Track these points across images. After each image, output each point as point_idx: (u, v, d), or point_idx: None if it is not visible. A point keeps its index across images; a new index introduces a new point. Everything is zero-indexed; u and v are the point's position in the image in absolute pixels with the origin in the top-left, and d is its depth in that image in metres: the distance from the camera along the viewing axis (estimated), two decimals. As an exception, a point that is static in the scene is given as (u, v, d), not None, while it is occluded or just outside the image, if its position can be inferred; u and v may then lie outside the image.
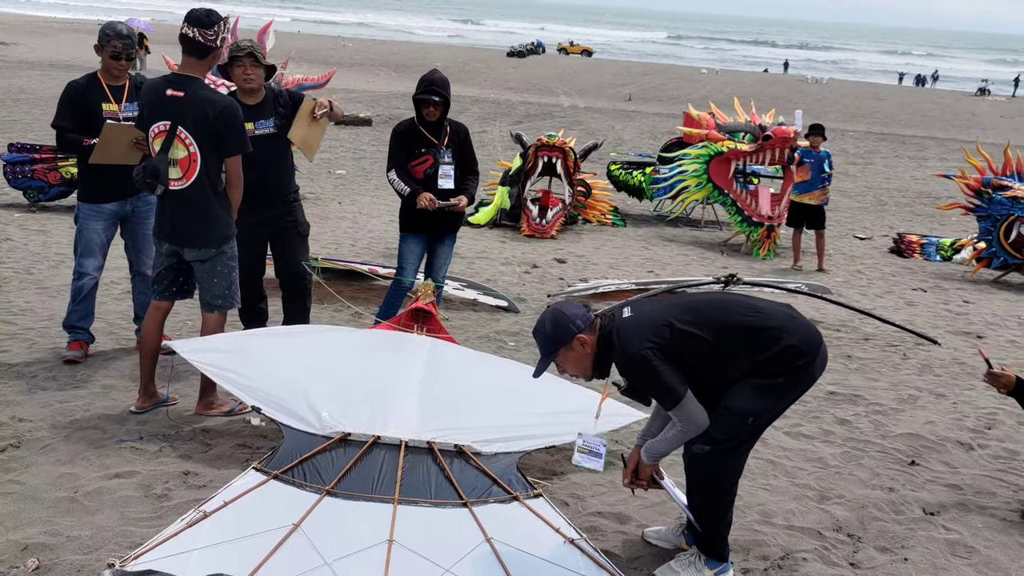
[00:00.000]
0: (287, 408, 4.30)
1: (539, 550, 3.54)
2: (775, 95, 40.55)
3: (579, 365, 3.54)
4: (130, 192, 5.53)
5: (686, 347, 3.34)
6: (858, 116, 37.76)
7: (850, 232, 14.43)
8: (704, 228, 13.53)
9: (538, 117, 28.01)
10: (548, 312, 3.56)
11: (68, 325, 5.69)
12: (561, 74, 47.13)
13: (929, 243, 12.66)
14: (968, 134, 35.22)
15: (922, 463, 4.91)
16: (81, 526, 3.65)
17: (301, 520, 3.54)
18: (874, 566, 3.77)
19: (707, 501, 3.49)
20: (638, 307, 3.56)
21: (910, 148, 28.58)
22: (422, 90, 5.86)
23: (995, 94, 55.29)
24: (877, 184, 21.07)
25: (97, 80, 5.51)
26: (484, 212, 12.38)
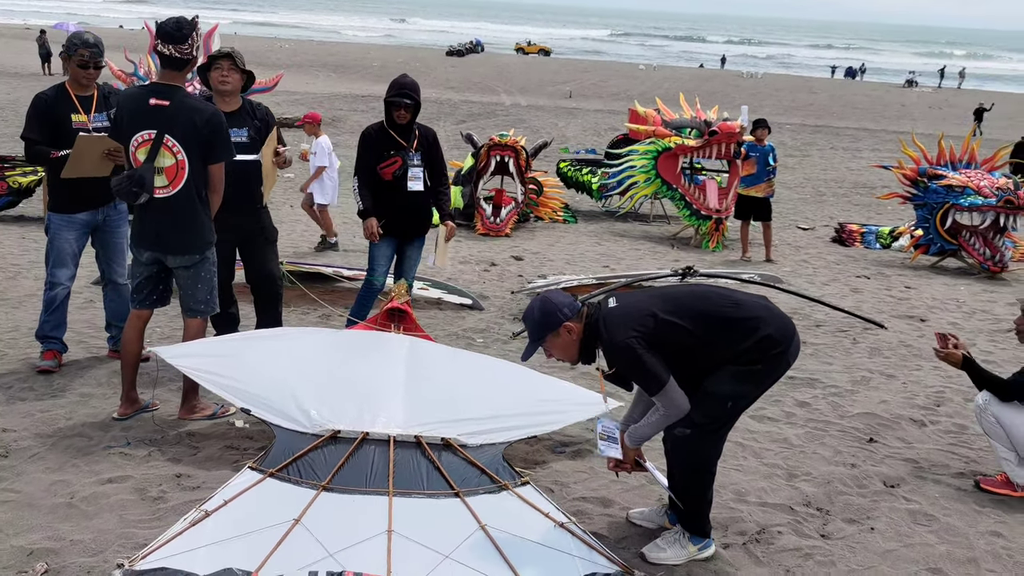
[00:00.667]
0: (276, 408, 4.41)
1: (531, 534, 3.71)
2: (712, 90, 41.23)
3: (566, 351, 3.72)
4: (101, 201, 5.57)
5: (669, 336, 3.54)
6: (792, 109, 38.60)
7: (793, 223, 14.85)
8: (653, 222, 13.83)
9: (482, 116, 28.17)
10: (537, 300, 3.73)
11: (41, 335, 5.70)
12: (501, 72, 47.35)
13: (869, 232, 13.11)
14: (898, 125, 36.26)
15: (880, 440, 5.19)
16: (82, 530, 3.72)
17: (301, 515, 3.66)
18: (843, 536, 4.01)
19: (689, 481, 3.70)
20: (623, 298, 3.74)
21: (844, 140, 29.34)
22: (394, 93, 5.98)
23: (922, 85, 56.91)
24: (815, 176, 21.63)
25: (65, 91, 5.51)
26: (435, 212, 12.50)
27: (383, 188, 6.15)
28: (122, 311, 5.89)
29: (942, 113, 41.32)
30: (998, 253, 10.79)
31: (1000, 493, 4.50)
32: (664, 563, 3.69)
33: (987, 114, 35.23)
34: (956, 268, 11.38)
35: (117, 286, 5.88)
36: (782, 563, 3.75)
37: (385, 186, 6.12)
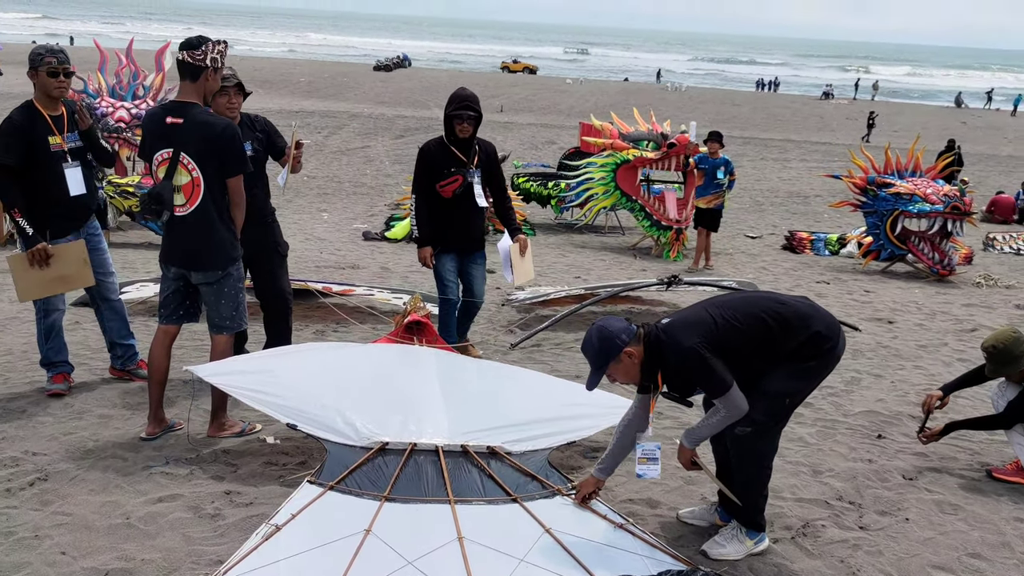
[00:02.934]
0: (322, 423, 4.43)
1: (595, 536, 3.83)
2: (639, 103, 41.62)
3: (628, 375, 3.84)
4: (79, 223, 5.45)
5: (729, 340, 3.69)
6: (719, 122, 39.43)
7: (740, 232, 15.27)
8: (608, 233, 14.08)
9: (419, 131, 28.19)
10: (594, 329, 3.81)
11: (46, 362, 5.57)
12: (429, 87, 47.36)
13: (818, 239, 13.56)
14: (820, 136, 37.47)
15: (887, 436, 5.44)
16: (148, 550, 3.70)
17: (371, 525, 3.71)
18: (882, 527, 4.22)
19: (748, 477, 3.86)
20: (675, 314, 3.90)
21: (772, 151, 30.19)
22: (456, 106, 5.98)
23: (838, 97, 58.85)
24: (750, 186, 22.21)
25: (35, 110, 5.22)
26: (400, 226, 12.55)
27: (442, 206, 6.15)
28: (123, 329, 5.82)
29: (858, 124, 42.71)
30: (945, 257, 11.30)
31: (1012, 481, 4.77)
32: (725, 559, 3.84)
33: (875, 122, 37.45)
34: (905, 272, 11.86)
35: (112, 303, 5.76)
36: (833, 554, 3.93)
37: (445, 203, 6.12)
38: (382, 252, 11.57)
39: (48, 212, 5.24)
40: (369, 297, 7.79)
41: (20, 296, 5.30)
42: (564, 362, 6.78)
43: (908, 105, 60.84)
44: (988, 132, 41.02)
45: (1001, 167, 28.10)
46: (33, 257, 5.16)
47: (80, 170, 5.35)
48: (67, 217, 5.35)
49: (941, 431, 5.01)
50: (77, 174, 5.33)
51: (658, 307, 8.88)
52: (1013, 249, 14.69)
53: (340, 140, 25.29)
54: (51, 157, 5.22)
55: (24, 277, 5.19)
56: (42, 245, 5.16)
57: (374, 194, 17.61)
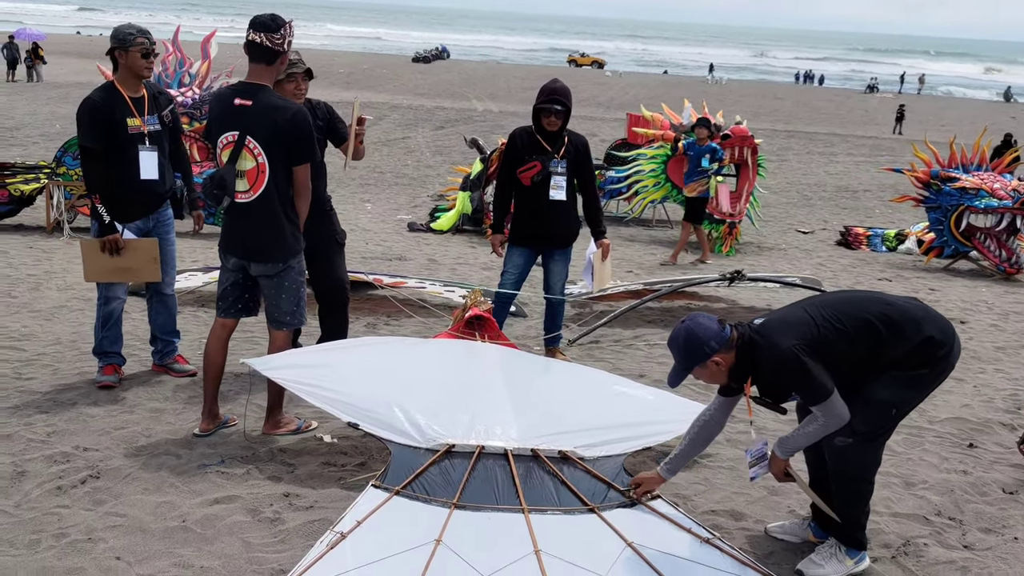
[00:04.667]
0: (385, 422, 4.19)
1: (680, 551, 3.55)
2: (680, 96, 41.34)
3: (714, 378, 3.58)
4: (151, 209, 5.32)
5: (830, 344, 3.39)
6: (761, 115, 38.89)
7: (791, 227, 14.87)
8: (655, 227, 13.76)
9: (459, 122, 28.00)
10: (682, 329, 3.51)
11: (99, 351, 5.41)
12: (468, 79, 47.21)
13: (875, 235, 13.15)
14: (865, 130, 36.78)
15: (979, 445, 5.11)
16: (207, 556, 3.48)
17: (441, 535, 3.46)
18: (988, 547, 3.90)
19: (848, 491, 3.56)
20: (771, 314, 3.61)
21: (818, 144, 29.60)
22: (544, 99, 5.80)
23: (883, 91, 57.84)
24: (796, 180, 21.76)
25: (117, 92, 5.15)
26: (446, 218, 12.32)
27: (522, 194, 5.97)
28: (168, 324, 5.64)
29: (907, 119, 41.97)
30: (1013, 255, 10.86)
31: (1123, 498, 4.42)
32: (822, 578, 3.54)
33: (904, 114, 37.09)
34: (969, 270, 11.44)
35: (164, 297, 5.61)
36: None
37: (524, 192, 5.92)
38: (428, 244, 11.34)
39: (117, 195, 5.11)
40: (421, 290, 7.54)
41: (86, 276, 5.26)
42: (626, 360, 6.50)
43: (955, 100, 59.69)
44: (1039, 128, 40.00)
45: (1055, 163, 27.30)
46: (104, 246, 5.06)
47: (156, 155, 5.22)
48: (136, 202, 5.20)
49: None
50: (152, 158, 5.19)
51: (716, 303, 8.57)
52: (1077, 248, 14.16)
53: (381, 131, 25.11)
54: (128, 139, 5.09)
55: (93, 260, 5.16)
56: (114, 236, 5.06)
57: (416, 185, 17.40)
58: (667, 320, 7.84)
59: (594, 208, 6.24)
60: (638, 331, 7.39)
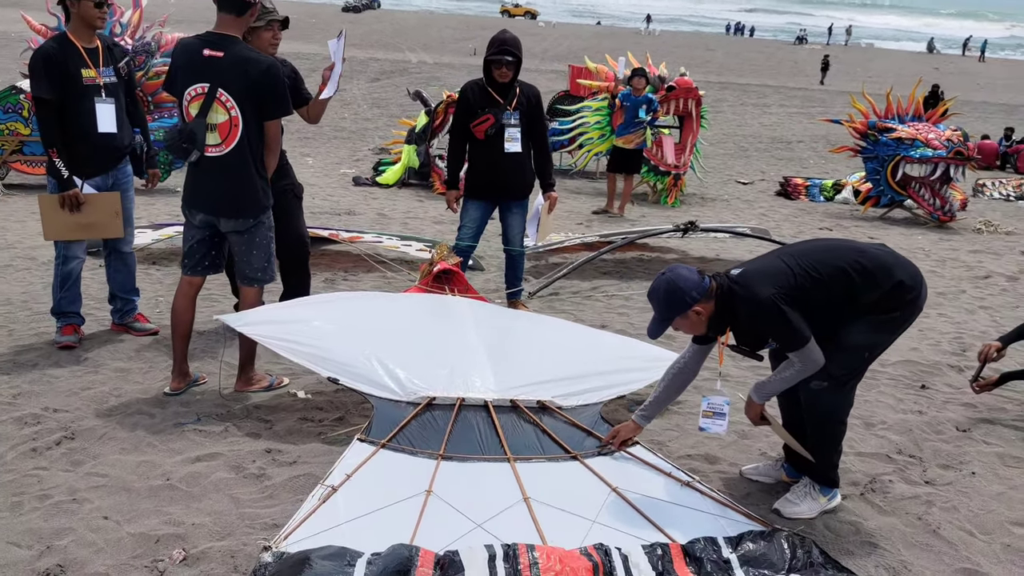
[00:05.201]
0: (365, 376, 4.21)
1: (662, 495, 3.65)
2: (612, 47, 41.25)
3: (694, 328, 3.63)
4: (110, 165, 5.18)
5: (807, 292, 3.49)
6: (694, 66, 38.92)
7: (730, 178, 15.12)
8: (599, 178, 13.83)
9: (394, 74, 27.64)
10: (663, 280, 3.55)
11: (58, 311, 5.28)
12: (400, 29, 46.53)
13: (813, 185, 13.45)
14: (796, 81, 37.35)
15: (931, 387, 5.32)
16: (196, 513, 3.47)
17: (431, 486, 3.51)
18: (948, 482, 4.09)
19: (823, 432, 3.69)
20: (748, 264, 3.68)
21: (752, 96, 29.99)
22: (494, 50, 5.73)
23: (811, 43, 58.56)
24: (732, 131, 22.07)
25: (70, 43, 4.97)
26: (392, 171, 12.23)
27: (476, 147, 5.93)
28: (128, 283, 5.54)
29: (833, 70, 42.61)
30: (946, 203, 11.22)
31: (1068, 432, 4.67)
32: (799, 517, 3.68)
33: (829, 64, 38.03)
34: (904, 218, 11.79)
35: (122, 255, 5.50)
36: (907, 511, 3.80)
37: (478, 145, 5.88)
38: (375, 198, 11.25)
39: (76, 149, 4.96)
40: (378, 244, 7.50)
41: (46, 235, 5.11)
42: (586, 311, 6.58)
43: (880, 50, 60.80)
44: (961, 78, 41.05)
45: (976, 113, 28.11)
46: (64, 201, 4.91)
47: (113, 107, 5.07)
48: (94, 157, 5.06)
49: (996, 381, 4.90)
50: (110, 111, 5.04)
51: (667, 254, 8.70)
52: (1003, 195, 14.70)
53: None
54: (83, 91, 4.93)
55: (52, 218, 5.01)
56: (74, 192, 4.92)
57: (355, 138, 17.21)
58: (622, 272, 7.95)
59: (545, 160, 6.22)
60: (595, 283, 7.48)
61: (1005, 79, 43.93)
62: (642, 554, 3.19)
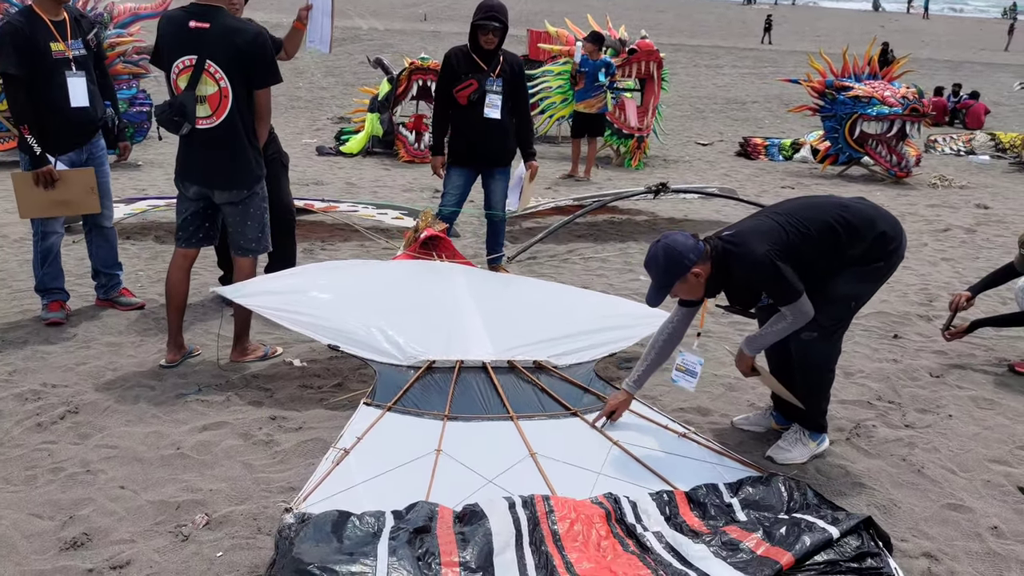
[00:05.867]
0: (364, 343, 4.29)
1: (661, 446, 3.80)
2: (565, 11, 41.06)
3: (692, 292, 3.71)
4: (84, 139, 5.15)
5: (797, 247, 3.62)
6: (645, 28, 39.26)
7: (689, 140, 15.29)
8: (563, 143, 13.90)
9: (347, 41, 27.29)
10: (660, 247, 3.62)
11: (42, 288, 5.27)
12: (349, -5, 45.75)
13: (772, 144, 13.66)
14: (746, 42, 37.62)
15: (903, 336, 5.54)
16: (211, 480, 3.54)
17: (439, 445, 3.61)
18: (927, 425, 4.30)
19: (814, 381, 3.86)
20: (738, 225, 3.79)
21: (704, 57, 30.17)
22: (481, 16, 5.74)
23: (759, 3, 58.90)
24: (687, 93, 22.23)
25: (36, 15, 4.89)
26: (355, 140, 12.18)
27: (459, 113, 5.96)
28: (110, 258, 5.54)
29: (782, 29, 43.00)
30: (902, 159, 11.49)
31: (1035, 375, 4.91)
32: (791, 463, 3.86)
33: (772, 24, 38.66)
34: (861, 175, 12.06)
35: (103, 230, 5.49)
36: (892, 453, 3.99)
37: (460, 111, 5.91)
38: (341, 167, 11.22)
39: (48, 125, 4.91)
40: (354, 213, 7.54)
41: (21, 213, 5.06)
42: (565, 274, 6.70)
43: (827, 9, 61.36)
44: (906, 35, 41.64)
45: (923, 70, 28.54)
46: (37, 179, 4.86)
47: (84, 81, 5.01)
48: (68, 132, 5.02)
49: (967, 329, 5.11)
50: (81, 84, 4.98)
51: (637, 216, 8.84)
52: (954, 150, 15.05)
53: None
54: (53, 65, 4.87)
55: (26, 195, 4.95)
56: (48, 168, 4.86)
57: (313, 108, 17.05)
58: (595, 234, 8.08)
59: (527, 129, 6.29)
60: (570, 246, 7.60)
61: (948, 35, 44.68)
62: (650, 501, 3.34)
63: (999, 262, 6.61)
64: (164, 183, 9.21)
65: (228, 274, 5.61)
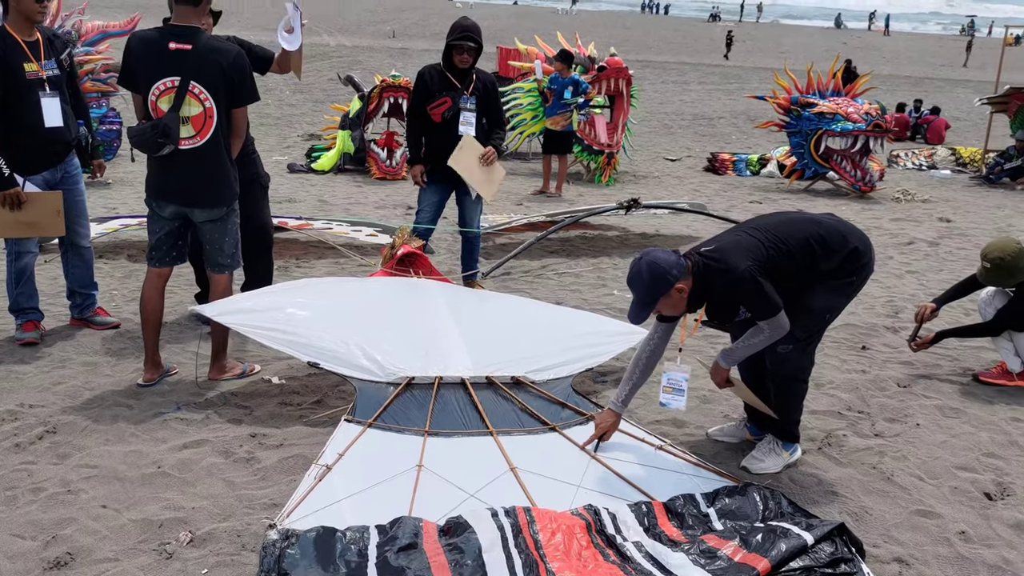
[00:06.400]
0: (344, 360, 4.32)
1: (639, 459, 3.87)
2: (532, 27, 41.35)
3: (676, 307, 3.76)
4: (57, 159, 5.16)
5: (776, 262, 3.71)
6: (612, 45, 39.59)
7: (658, 155, 15.46)
8: (533, 159, 14.01)
9: (316, 58, 27.25)
10: (643, 264, 3.66)
11: (16, 308, 5.25)
12: (316, 13, 45.72)
13: (739, 160, 13.86)
14: (712, 58, 38.03)
15: (870, 347, 5.66)
16: (193, 497, 3.56)
17: (421, 460, 3.66)
18: (896, 433, 4.41)
19: (788, 392, 3.96)
20: (719, 239, 3.87)
21: (671, 74, 30.49)
22: (456, 36, 5.83)
23: (724, 19, 59.65)
24: (655, 109, 22.42)
25: (9, 36, 4.89)
26: (327, 157, 12.21)
27: (432, 130, 6.04)
28: (86, 277, 5.54)
29: (747, 46, 43.61)
30: (867, 174, 11.71)
31: (999, 383, 5.04)
32: (765, 472, 3.95)
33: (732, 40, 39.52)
34: (827, 190, 12.27)
35: (80, 249, 5.49)
36: (862, 461, 4.09)
37: (434, 128, 5.98)
38: (313, 185, 11.23)
39: (22, 145, 4.91)
40: (328, 231, 7.56)
41: None
42: (540, 289, 6.77)
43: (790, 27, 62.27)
44: (868, 52, 42.34)
45: (885, 86, 29.01)
46: (4, 200, 4.85)
47: (58, 101, 5.02)
48: (42, 152, 5.03)
49: (932, 339, 5.24)
50: (55, 105, 4.99)
51: (609, 231, 8.94)
52: (916, 165, 15.34)
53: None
54: (27, 85, 4.87)
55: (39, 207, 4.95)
56: (15, 190, 4.85)
57: (282, 125, 17.03)
58: (568, 250, 8.17)
59: (496, 136, 6.26)
60: (543, 261, 7.68)
61: (909, 52, 45.49)
62: (629, 512, 3.40)
63: (962, 274, 6.78)
64: (135, 201, 9.18)
65: (205, 291, 5.63)
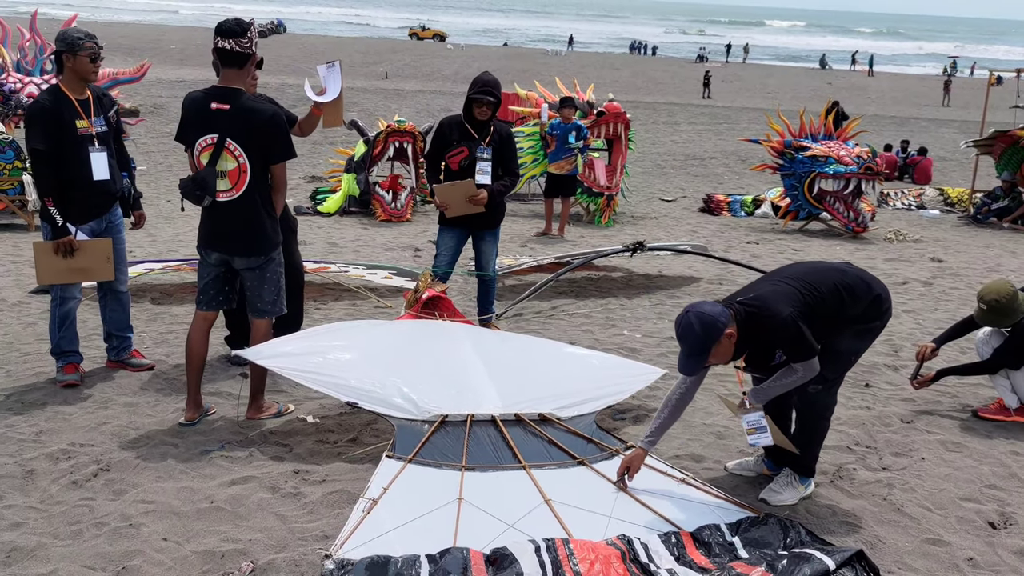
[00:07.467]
0: (381, 400, 4.57)
1: (664, 491, 4.12)
2: (523, 68, 42.23)
3: (724, 355, 3.97)
4: (104, 210, 5.43)
5: (813, 308, 3.98)
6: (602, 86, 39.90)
7: (654, 196, 15.79)
8: (532, 201, 14.33)
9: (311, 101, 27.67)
10: (692, 316, 3.86)
11: (58, 351, 5.48)
12: (309, 54, 46.28)
13: (734, 201, 14.20)
14: (700, 98, 38.64)
15: (873, 385, 5.93)
16: (248, 531, 3.78)
17: (460, 494, 3.89)
18: (903, 467, 4.67)
19: (815, 428, 4.26)
20: (755, 288, 4.15)
21: (661, 114, 30.97)
22: (477, 90, 6.16)
23: (712, 60, 60.58)
24: (647, 150, 22.78)
25: (62, 94, 5.22)
26: (332, 200, 12.48)
27: (451, 178, 6.37)
28: (123, 321, 5.77)
29: (734, 87, 44.29)
30: (860, 215, 12.07)
31: (997, 419, 5.31)
32: (783, 504, 4.19)
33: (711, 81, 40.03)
34: (820, 230, 12.60)
35: (118, 294, 5.73)
36: (873, 493, 4.34)
37: (452, 175, 6.29)
38: (320, 227, 11.49)
39: (71, 197, 5.21)
40: (345, 273, 7.82)
41: (40, 279, 5.38)
42: (552, 329, 7.03)
43: (776, 67, 63.28)
44: (853, 92, 43.06)
45: (871, 126, 29.49)
46: (58, 248, 5.11)
47: (105, 156, 5.32)
48: (90, 203, 5.32)
49: (933, 378, 5.51)
50: (103, 159, 5.30)
51: (614, 273, 9.22)
52: (905, 205, 15.73)
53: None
54: (78, 141, 5.17)
55: (45, 263, 5.22)
56: (69, 239, 5.13)
57: (285, 167, 17.30)
58: (576, 291, 8.44)
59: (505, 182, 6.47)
60: (553, 302, 7.95)
61: (893, 92, 46.24)
62: (659, 542, 3.65)
63: (956, 313, 7.09)
64: (149, 245, 9.43)
65: (235, 334, 5.87)
